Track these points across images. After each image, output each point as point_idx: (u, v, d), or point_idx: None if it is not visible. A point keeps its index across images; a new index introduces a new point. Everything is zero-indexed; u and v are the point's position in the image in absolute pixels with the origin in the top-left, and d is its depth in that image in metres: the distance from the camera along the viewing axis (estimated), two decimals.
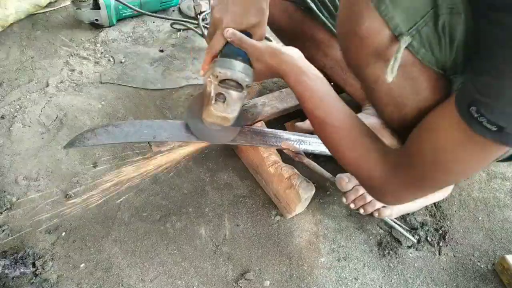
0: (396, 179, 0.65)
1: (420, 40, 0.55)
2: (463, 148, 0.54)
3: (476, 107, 0.47)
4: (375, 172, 0.66)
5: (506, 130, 0.47)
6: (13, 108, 1.08)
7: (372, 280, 0.86)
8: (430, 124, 0.59)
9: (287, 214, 0.93)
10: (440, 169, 0.59)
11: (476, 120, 0.48)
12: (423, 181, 0.62)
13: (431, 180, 0.62)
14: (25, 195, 0.89)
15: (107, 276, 0.79)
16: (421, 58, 0.57)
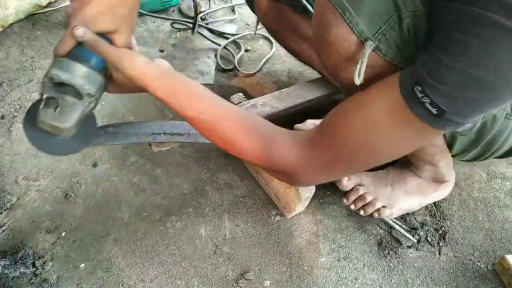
0: (315, 160, 0.62)
1: (387, 43, 0.55)
2: (397, 130, 0.54)
3: (421, 87, 0.47)
4: (291, 153, 0.63)
5: (446, 115, 0.47)
6: (13, 108, 1.08)
7: (372, 280, 0.86)
8: (363, 103, 0.57)
9: (287, 214, 0.93)
10: (367, 150, 0.58)
11: (419, 100, 0.48)
12: (346, 161, 0.61)
13: (355, 161, 0.60)
14: (25, 195, 0.89)
15: (107, 276, 0.79)
16: (390, 59, 0.56)
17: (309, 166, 0.63)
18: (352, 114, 0.58)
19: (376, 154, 0.59)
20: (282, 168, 0.65)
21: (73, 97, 0.61)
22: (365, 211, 0.89)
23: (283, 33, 1.05)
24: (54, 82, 0.60)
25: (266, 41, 1.47)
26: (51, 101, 0.61)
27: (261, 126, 0.67)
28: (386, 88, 0.54)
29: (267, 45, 1.45)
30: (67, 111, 0.62)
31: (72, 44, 0.60)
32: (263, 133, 0.65)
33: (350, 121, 0.58)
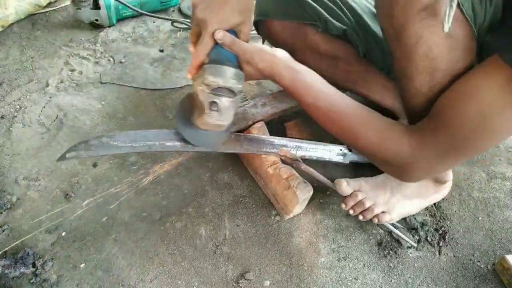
0: (429, 150, 0.63)
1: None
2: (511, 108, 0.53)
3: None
4: (403, 147, 0.65)
5: None
6: (13, 108, 1.08)
7: (372, 280, 0.86)
8: (470, 88, 0.58)
9: (285, 215, 0.93)
10: (482, 135, 0.58)
11: None
12: (460, 149, 0.61)
13: (469, 146, 0.61)
14: (25, 195, 0.89)
15: (107, 276, 0.79)
16: (465, 11, 0.56)
17: (422, 156, 0.64)
18: (463, 102, 0.58)
19: (492, 138, 0.59)
20: (395, 160, 0.67)
21: (228, 97, 0.71)
22: (364, 216, 0.89)
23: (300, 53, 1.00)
24: (211, 88, 0.69)
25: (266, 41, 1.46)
26: (213, 106, 0.71)
27: (375, 118, 0.69)
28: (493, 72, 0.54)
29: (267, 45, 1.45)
30: (226, 110, 0.72)
31: (211, 47, 0.70)
32: (377, 124, 0.68)
33: (461, 110, 0.58)
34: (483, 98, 0.56)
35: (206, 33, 0.68)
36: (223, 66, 0.69)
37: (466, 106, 0.58)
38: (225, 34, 0.68)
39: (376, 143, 0.68)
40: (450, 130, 0.60)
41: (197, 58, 0.71)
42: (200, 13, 0.67)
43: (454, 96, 0.61)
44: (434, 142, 0.63)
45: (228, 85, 0.69)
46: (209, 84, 0.68)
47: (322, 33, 0.97)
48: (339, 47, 0.98)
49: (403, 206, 0.91)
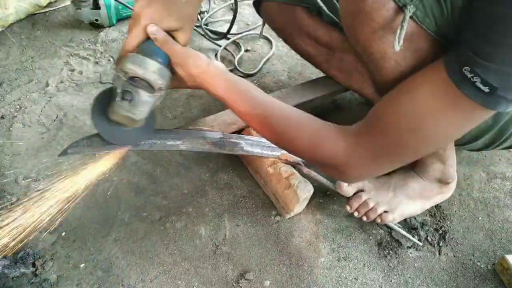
0: (364, 151, 0.63)
1: (423, 10, 0.55)
2: (446, 113, 0.54)
3: (470, 67, 0.47)
4: (338, 148, 0.64)
5: (498, 92, 0.47)
6: (13, 108, 1.08)
7: (372, 280, 0.86)
8: (410, 88, 0.58)
9: (285, 214, 0.93)
10: (416, 137, 0.58)
11: (469, 81, 0.48)
12: (396, 150, 0.61)
13: (405, 147, 0.60)
14: (25, 195, 0.89)
15: (107, 276, 0.79)
16: (426, 28, 0.57)
17: (357, 158, 0.64)
18: (399, 102, 0.58)
19: (425, 141, 0.59)
20: (331, 161, 0.67)
21: (146, 91, 0.66)
22: (368, 217, 0.89)
23: (296, 36, 1.04)
24: (129, 76, 0.65)
25: (266, 41, 1.47)
26: (126, 94, 0.66)
27: (310, 121, 0.69)
28: (431, 73, 0.55)
29: (267, 45, 1.46)
30: (140, 104, 0.67)
31: (141, 40, 0.66)
32: (312, 127, 0.68)
33: (397, 109, 0.58)
34: (418, 98, 0.56)
35: (138, 25, 0.64)
36: (147, 58, 0.65)
37: (401, 105, 0.58)
38: (159, 30, 0.64)
39: (312, 146, 0.67)
40: (385, 130, 0.60)
41: (124, 48, 0.67)
42: (138, 7, 0.65)
43: (391, 96, 0.61)
44: (368, 142, 0.62)
45: (148, 77, 0.64)
46: (126, 71, 0.64)
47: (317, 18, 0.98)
48: (334, 36, 0.99)
49: (406, 206, 0.91)
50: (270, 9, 1.04)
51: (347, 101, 1.26)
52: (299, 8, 0.99)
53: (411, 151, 0.62)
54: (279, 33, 1.10)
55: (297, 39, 1.05)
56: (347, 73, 1.02)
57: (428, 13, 0.56)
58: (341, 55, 1.00)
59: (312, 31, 1.00)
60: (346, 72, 1.02)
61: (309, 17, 0.99)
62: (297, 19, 1.00)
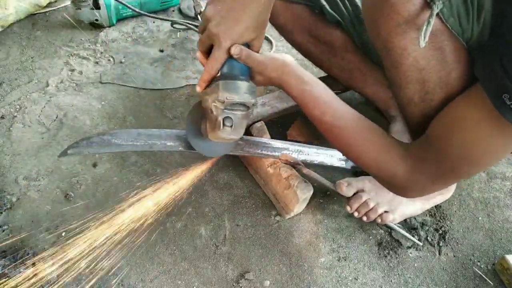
0: (421, 175, 0.65)
1: (450, 8, 0.55)
2: (493, 139, 0.55)
3: (509, 94, 0.48)
4: (398, 170, 0.67)
5: None
6: (13, 108, 1.08)
7: (372, 280, 0.86)
8: (457, 117, 0.59)
9: (285, 215, 0.93)
10: (468, 162, 0.60)
11: (508, 107, 0.49)
12: (450, 174, 0.63)
13: (458, 172, 0.63)
14: (25, 195, 0.89)
15: (107, 276, 0.79)
16: (450, 26, 0.57)
17: (415, 182, 0.67)
18: (450, 131, 0.60)
19: (476, 165, 0.62)
20: (391, 181, 0.70)
21: (242, 111, 0.70)
22: (368, 217, 0.89)
23: (298, 34, 1.04)
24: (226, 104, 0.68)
25: (265, 41, 1.47)
26: (227, 122, 0.69)
27: (377, 137, 0.70)
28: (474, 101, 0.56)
29: (267, 45, 1.45)
30: (239, 125, 0.71)
31: (224, 61, 0.68)
32: (377, 144, 0.69)
33: (449, 137, 0.60)
34: (467, 127, 0.57)
35: (221, 48, 0.66)
36: (237, 81, 0.68)
37: (452, 135, 0.60)
38: (242, 49, 0.67)
39: (375, 164, 0.70)
40: (439, 157, 0.62)
41: (210, 73, 0.69)
42: (214, 28, 0.65)
43: (442, 124, 0.63)
44: (426, 168, 0.65)
45: (243, 100, 0.68)
46: (223, 101, 0.67)
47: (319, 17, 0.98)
48: (336, 35, 0.99)
49: (406, 207, 0.91)
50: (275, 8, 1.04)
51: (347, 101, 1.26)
52: (302, 6, 1.00)
53: (465, 174, 0.65)
54: (281, 30, 1.10)
55: (298, 37, 1.05)
56: (348, 72, 1.03)
57: (454, 12, 0.56)
58: (342, 54, 1.00)
59: (314, 29, 1.00)
60: (347, 71, 1.03)
61: (311, 15, 1.00)
62: (300, 17, 1.01)
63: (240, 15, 0.64)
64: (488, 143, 0.56)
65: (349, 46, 0.99)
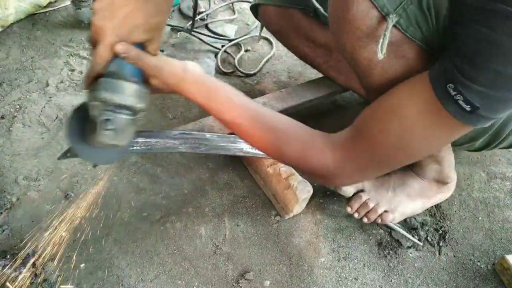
0: (351, 163, 0.64)
1: (407, 19, 0.56)
2: (431, 130, 0.55)
3: (454, 85, 0.48)
4: (326, 159, 0.65)
5: (479, 112, 0.48)
6: (13, 108, 1.08)
7: (372, 280, 0.86)
8: (395, 106, 0.58)
9: (285, 215, 0.93)
10: (404, 152, 0.59)
11: (452, 98, 0.49)
12: (382, 162, 0.62)
13: (391, 160, 0.62)
14: (25, 195, 0.89)
15: (107, 276, 0.79)
16: (411, 35, 0.57)
17: (344, 169, 0.65)
18: (386, 118, 0.59)
19: (411, 154, 0.61)
20: (318, 171, 0.67)
21: (127, 115, 0.61)
22: (368, 218, 0.88)
23: (294, 38, 1.04)
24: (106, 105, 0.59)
25: (266, 41, 1.47)
26: (107, 124, 0.60)
27: (298, 130, 0.68)
28: (417, 87, 0.56)
29: (267, 45, 1.46)
30: (123, 130, 0.62)
31: (109, 60, 0.59)
32: (301, 138, 0.67)
33: (384, 125, 0.59)
34: (406, 115, 0.56)
35: (104, 44, 0.57)
36: (121, 81, 0.59)
37: (389, 122, 0.58)
38: (129, 48, 0.58)
39: (300, 156, 0.66)
40: (372, 144, 0.61)
41: (92, 69, 0.60)
42: (99, 21, 0.56)
43: (378, 109, 0.62)
44: (355, 157, 0.63)
45: (126, 103, 0.59)
46: (104, 101, 0.58)
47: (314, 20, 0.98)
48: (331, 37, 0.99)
49: (406, 205, 0.91)
50: (268, 12, 1.04)
51: (347, 101, 1.26)
52: (296, 10, 1.00)
53: (397, 164, 0.64)
54: (277, 36, 1.10)
55: (295, 42, 1.05)
56: (346, 74, 1.03)
57: (412, 22, 0.56)
58: (338, 56, 1.01)
59: (309, 32, 1.00)
60: (345, 73, 1.03)
61: (306, 19, 1.00)
62: (294, 22, 1.01)
63: (130, 12, 0.56)
64: (427, 133, 0.56)
65: None
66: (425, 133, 0.56)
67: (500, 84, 0.46)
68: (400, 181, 0.92)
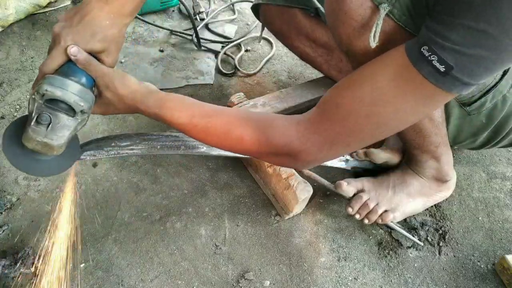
0: (319, 138, 0.61)
1: (400, 8, 0.56)
2: (404, 96, 0.54)
3: (428, 46, 0.48)
4: (290, 136, 0.62)
5: (453, 72, 0.48)
6: (13, 108, 1.08)
7: (372, 280, 0.86)
8: (368, 73, 0.58)
9: (285, 215, 0.93)
10: (373, 121, 0.58)
11: (426, 59, 0.49)
12: (352, 136, 0.60)
13: (362, 132, 0.60)
14: (25, 195, 0.89)
15: (107, 276, 0.79)
16: (403, 25, 0.58)
17: (311, 143, 0.62)
18: (357, 85, 0.58)
19: (383, 125, 0.59)
20: (283, 149, 0.64)
21: (66, 115, 0.59)
22: (369, 219, 0.88)
23: (295, 38, 1.04)
24: (46, 99, 0.58)
25: (266, 41, 1.47)
26: (42, 118, 0.58)
27: (256, 115, 0.68)
28: (391, 56, 0.55)
29: (267, 45, 1.46)
30: (59, 129, 0.59)
31: (61, 62, 0.60)
32: (258, 119, 0.66)
33: (354, 92, 0.58)
34: (376, 81, 0.55)
35: (59, 47, 0.59)
36: (66, 79, 0.59)
37: (361, 91, 0.57)
38: (80, 51, 0.59)
39: (261, 139, 0.64)
40: (343, 116, 0.59)
41: (42, 71, 0.61)
42: (57, 27, 0.60)
43: (348, 79, 0.61)
44: (325, 129, 0.61)
45: (67, 99, 0.58)
46: (43, 93, 0.57)
47: (315, 19, 0.98)
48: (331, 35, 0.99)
49: (406, 205, 0.91)
50: (268, 12, 1.05)
51: None
52: (297, 10, 1.00)
53: (368, 136, 0.61)
54: (278, 36, 1.10)
55: (296, 41, 1.05)
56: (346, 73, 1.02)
57: (405, 11, 0.57)
58: (340, 55, 1.01)
59: (310, 32, 1.00)
60: (346, 72, 1.03)
61: (306, 18, 1.00)
62: (295, 21, 1.01)
63: (87, 23, 0.60)
64: (401, 102, 0.54)
65: None
66: (397, 99, 0.55)
67: (473, 41, 0.46)
68: (399, 180, 0.92)
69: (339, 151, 0.66)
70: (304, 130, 0.62)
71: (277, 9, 1.02)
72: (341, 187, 0.88)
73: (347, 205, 0.89)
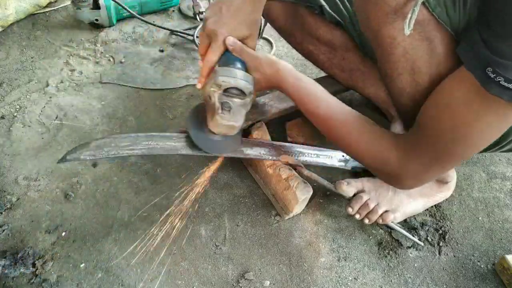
0: (414, 161, 0.66)
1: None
2: (484, 117, 0.56)
3: (492, 67, 0.49)
4: (390, 157, 0.68)
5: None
6: (13, 108, 1.08)
7: (372, 280, 0.86)
8: (445, 99, 0.60)
9: (284, 215, 0.93)
10: (460, 144, 0.60)
11: (493, 80, 0.50)
12: (444, 158, 0.64)
13: (452, 155, 0.63)
14: (25, 195, 0.89)
15: (107, 276, 0.79)
16: (437, 16, 0.58)
17: (408, 167, 0.67)
18: (438, 115, 0.61)
19: (471, 146, 0.62)
20: (384, 169, 0.71)
21: (239, 98, 0.74)
22: (369, 219, 0.88)
23: (298, 35, 1.04)
24: (223, 88, 0.72)
25: (266, 41, 1.47)
26: (225, 106, 0.73)
27: (368, 126, 0.72)
28: (459, 82, 0.57)
29: (267, 45, 1.45)
30: (237, 111, 0.75)
31: (221, 54, 0.75)
32: (369, 133, 0.71)
33: (438, 121, 0.61)
34: (454, 110, 0.58)
35: (217, 40, 0.73)
36: (232, 68, 0.72)
37: (441, 118, 0.60)
38: (236, 41, 0.73)
39: (367, 153, 0.72)
40: (431, 141, 0.63)
41: (207, 65, 0.75)
42: (211, 25, 0.73)
43: (431, 108, 0.63)
44: (418, 154, 0.65)
45: (239, 85, 0.72)
46: (220, 84, 0.71)
47: (319, 17, 0.99)
48: (336, 34, 1.00)
49: (407, 205, 0.91)
50: (273, 8, 1.04)
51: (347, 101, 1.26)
52: (301, 7, 1.00)
53: (458, 158, 0.65)
54: (282, 32, 1.10)
55: (299, 38, 1.05)
56: (348, 72, 1.03)
57: (440, 2, 0.58)
58: (343, 53, 1.01)
59: (314, 29, 1.00)
60: (347, 71, 1.03)
61: (311, 16, 1.00)
62: (300, 18, 1.01)
63: (234, 13, 0.72)
64: (479, 122, 0.56)
65: (349, 46, 0.99)
66: (478, 122, 0.57)
67: None
68: None
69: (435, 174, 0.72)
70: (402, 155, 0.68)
71: (281, 5, 1.02)
72: (341, 187, 0.88)
73: (347, 205, 0.89)
